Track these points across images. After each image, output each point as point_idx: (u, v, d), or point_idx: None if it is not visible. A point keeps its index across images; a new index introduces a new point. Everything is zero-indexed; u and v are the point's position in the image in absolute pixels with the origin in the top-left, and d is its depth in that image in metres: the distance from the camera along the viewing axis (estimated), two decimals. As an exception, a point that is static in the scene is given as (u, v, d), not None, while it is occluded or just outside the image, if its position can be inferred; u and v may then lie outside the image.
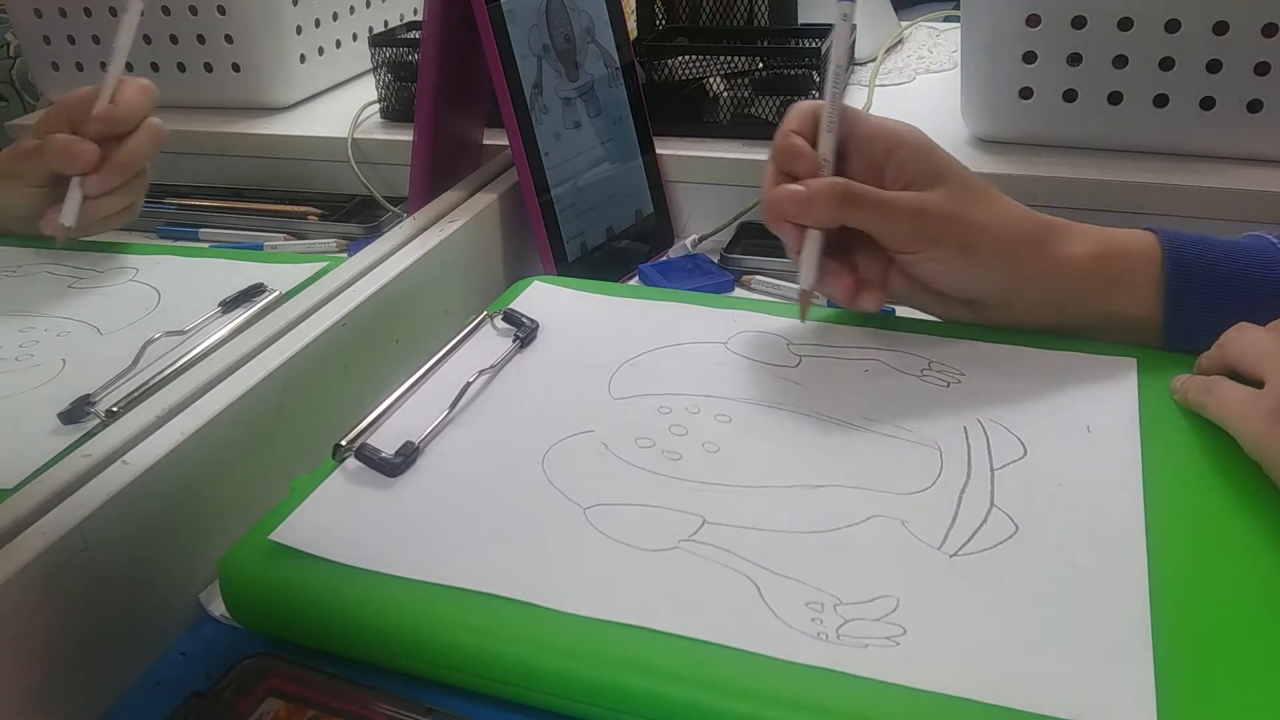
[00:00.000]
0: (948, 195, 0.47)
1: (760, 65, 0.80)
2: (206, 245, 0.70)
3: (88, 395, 0.47)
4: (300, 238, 0.70)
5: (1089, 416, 0.44)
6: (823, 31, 0.82)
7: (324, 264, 0.60)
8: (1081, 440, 0.43)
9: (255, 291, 0.57)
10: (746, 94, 0.79)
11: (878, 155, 0.48)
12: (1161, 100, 0.66)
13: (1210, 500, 0.40)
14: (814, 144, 0.48)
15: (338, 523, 0.39)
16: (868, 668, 0.32)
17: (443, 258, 0.58)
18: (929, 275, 0.49)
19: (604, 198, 0.67)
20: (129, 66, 0.86)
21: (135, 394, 0.47)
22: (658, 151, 0.72)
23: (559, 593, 0.36)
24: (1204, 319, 0.46)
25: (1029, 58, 0.68)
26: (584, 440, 0.44)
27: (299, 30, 0.86)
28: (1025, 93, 0.69)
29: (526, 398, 0.47)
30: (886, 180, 0.48)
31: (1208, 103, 0.66)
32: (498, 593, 0.36)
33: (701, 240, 0.71)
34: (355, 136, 0.79)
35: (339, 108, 0.86)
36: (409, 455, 0.43)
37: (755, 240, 0.70)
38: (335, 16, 0.90)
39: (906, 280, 0.50)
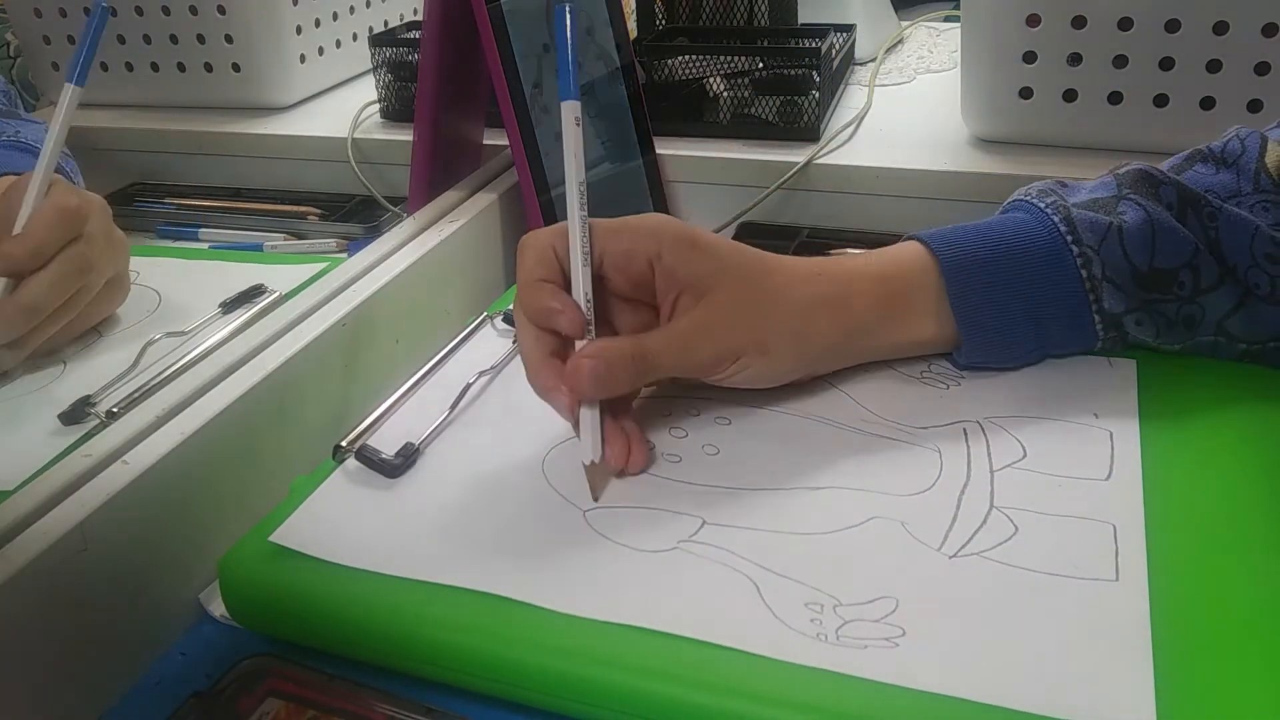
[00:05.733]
0: (725, 294, 0.42)
1: (760, 65, 0.80)
2: (206, 246, 0.70)
3: (88, 396, 0.48)
4: (300, 238, 0.70)
5: (1088, 417, 0.44)
6: (822, 31, 0.82)
7: (324, 264, 0.60)
8: (1081, 441, 0.43)
9: (255, 292, 0.57)
10: (746, 94, 0.79)
11: (641, 266, 0.42)
12: (1161, 100, 0.66)
13: (1210, 500, 0.39)
14: (566, 274, 0.42)
15: (338, 524, 0.39)
16: (867, 668, 0.32)
17: (443, 258, 0.58)
18: (739, 383, 0.44)
19: (604, 198, 0.67)
20: (129, 67, 0.86)
21: (135, 394, 0.47)
22: (658, 151, 0.72)
23: (559, 593, 0.36)
24: (989, 312, 0.46)
25: (1029, 57, 0.68)
26: (584, 441, 0.44)
27: (299, 30, 0.86)
28: (1025, 93, 0.69)
29: (526, 399, 0.47)
30: (658, 289, 0.43)
31: (1208, 103, 0.66)
32: (497, 593, 0.36)
33: (701, 240, 0.71)
34: (355, 136, 0.79)
35: (339, 108, 0.86)
36: (409, 456, 0.43)
37: (755, 240, 0.69)
38: (335, 16, 0.90)
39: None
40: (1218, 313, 0.46)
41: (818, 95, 0.76)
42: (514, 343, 0.51)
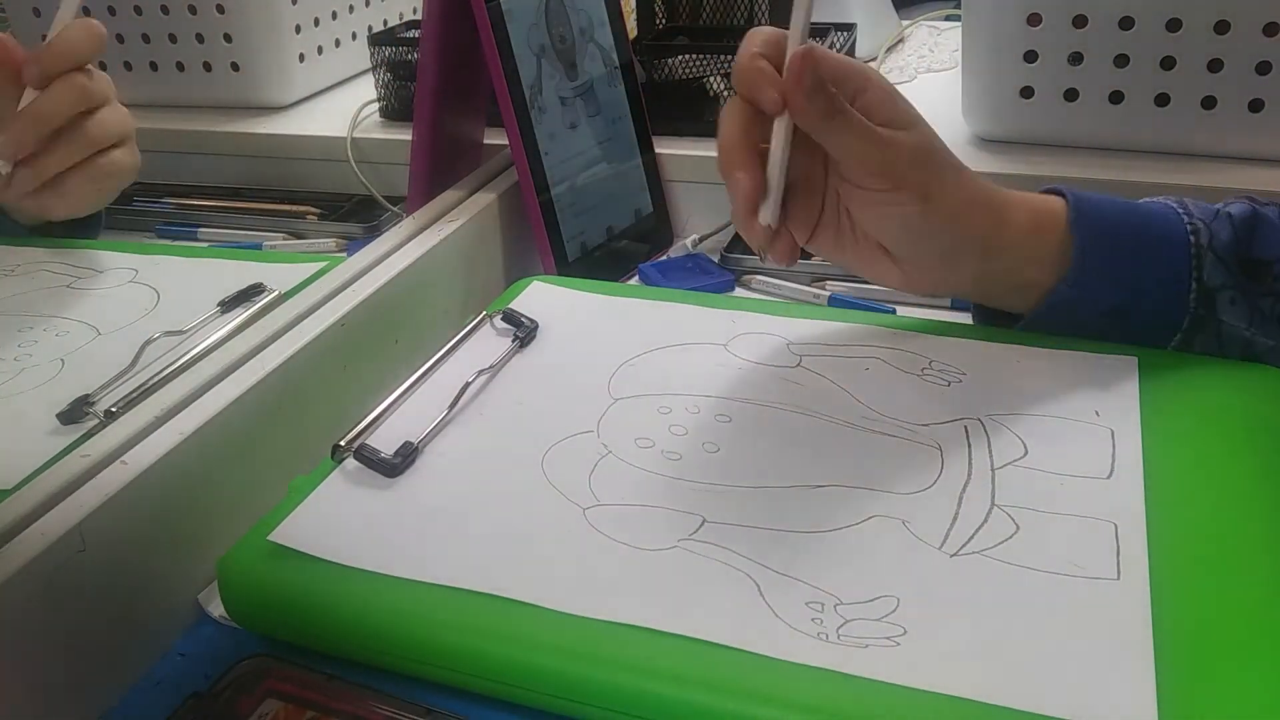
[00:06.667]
0: (919, 140, 0.45)
1: (760, 64, 0.79)
2: (205, 245, 0.70)
3: (86, 395, 0.47)
4: (299, 237, 0.70)
5: (1089, 415, 0.44)
6: (823, 30, 0.82)
7: (323, 264, 0.60)
8: (1082, 439, 0.43)
9: (254, 291, 0.57)
10: (746, 93, 0.79)
11: (845, 96, 0.45)
12: (1163, 99, 0.66)
13: (1211, 499, 0.39)
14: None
15: (337, 523, 0.39)
16: (868, 668, 0.32)
17: (442, 257, 0.58)
18: (881, 221, 0.47)
19: (604, 197, 0.67)
20: (127, 66, 0.86)
21: (134, 394, 0.47)
22: (657, 151, 0.72)
23: (558, 593, 0.36)
24: (1103, 263, 0.47)
25: (1030, 57, 0.68)
26: (583, 440, 0.44)
27: (298, 29, 0.86)
28: (1026, 92, 0.69)
29: (526, 398, 0.47)
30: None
31: (1209, 102, 0.65)
32: (497, 593, 0.36)
33: (701, 240, 0.71)
34: (354, 136, 0.79)
35: (338, 107, 0.86)
36: (408, 455, 0.43)
37: (755, 240, 0.70)
38: (335, 15, 0.90)
39: (836, 232, 0.48)
40: None
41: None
42: (512, 340, 0.51)
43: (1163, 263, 0.47)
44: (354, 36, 0.93)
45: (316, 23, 0.88)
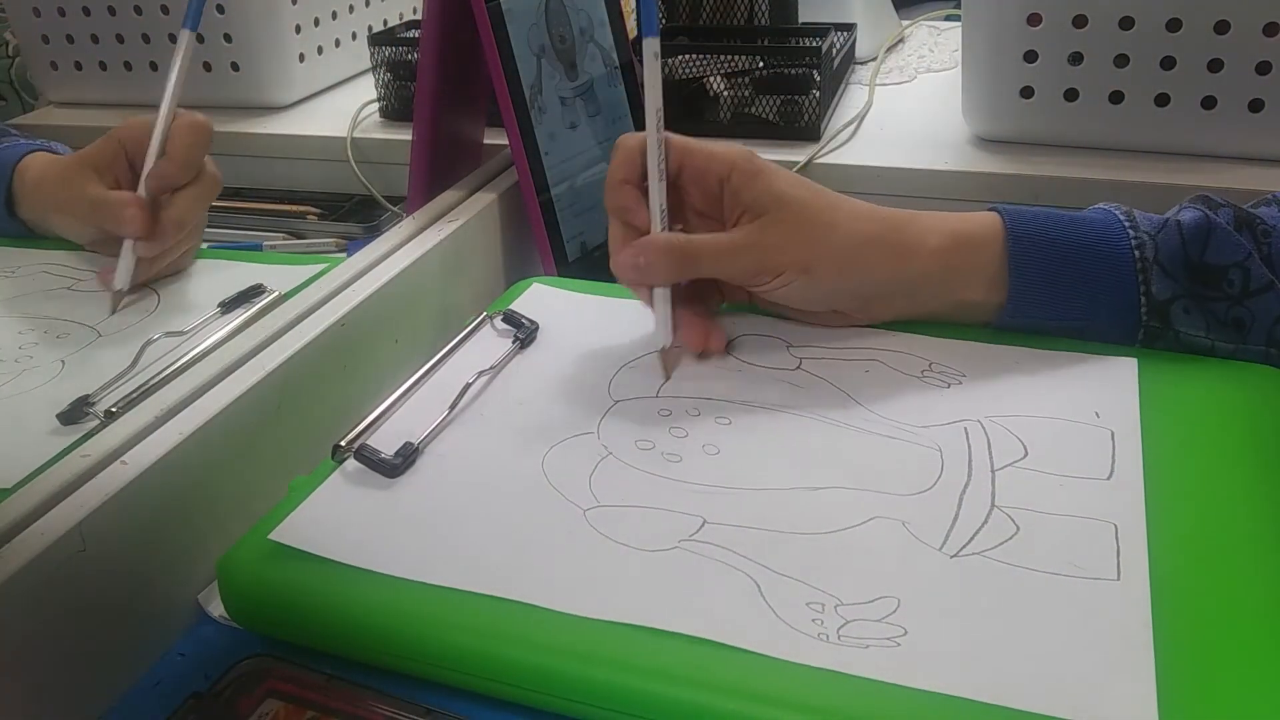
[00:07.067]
0: (779, 220, 0.47)
1: (760, 64, 0.80)
2: (205, 245, 0.70)
3: (86, 396, 0.47)
4: (299, 237, 0.70)
5: (1089, 416, 0.44)
6: (823, 31, 0.82)
7: (323, 264, 0.60)
8: (1082, 440, 0.43)
9: (254, 292, 0.57)
10: (747, 93, 0.79)
11: (712, 185, 0.48)
12: (1163, 100, 0.66)
13: (1211, 500, 0.39)
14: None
15: (337, 523, 0.39)
16: (868, 668, 0.32)
17: (442, 258, 0.58)
18: (782, 298, 0.49)
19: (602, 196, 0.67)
20: (127, 66, 0.86)
21: (134, 394, 0.47)
22: (658, 151, 0.72)
23: (558, 594, 0.36)
24: (1043, 294, 0.48)
25: (1030, 57, 0.68)
26: (584, 442, 0.44)
27: (298, 29, 0.86)
28: (1026, 92, 0.69)
29: (526, 399, 0.47)
30: (725, 208, 0.48)
31: (1209, 102, 0.66)
32: (497, 594, 0.36)
33: (701, 240, 0.70)
34: (354, 136, 0.79)
35: (338, 107, 0.86)
36: (408, 456, 0.43)
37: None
38: (335, 15, 0.90)
39: (766, 301, 0.51)
40: (1267, 319, 0.47)
41: (818, 94, 0.76)
42: (512, 341, 0.51)
43: (1106, 282, 0.47)
44: (354, 36, 0.93)
45: (316, 23, 0.88)
